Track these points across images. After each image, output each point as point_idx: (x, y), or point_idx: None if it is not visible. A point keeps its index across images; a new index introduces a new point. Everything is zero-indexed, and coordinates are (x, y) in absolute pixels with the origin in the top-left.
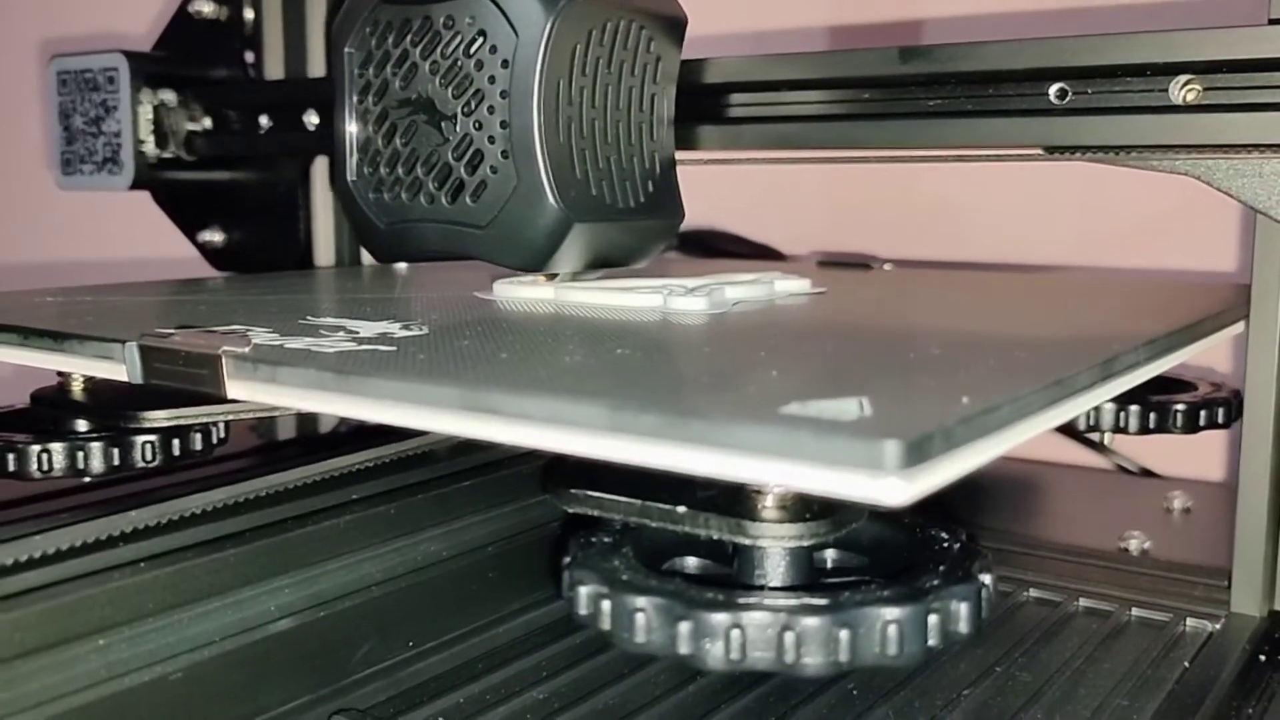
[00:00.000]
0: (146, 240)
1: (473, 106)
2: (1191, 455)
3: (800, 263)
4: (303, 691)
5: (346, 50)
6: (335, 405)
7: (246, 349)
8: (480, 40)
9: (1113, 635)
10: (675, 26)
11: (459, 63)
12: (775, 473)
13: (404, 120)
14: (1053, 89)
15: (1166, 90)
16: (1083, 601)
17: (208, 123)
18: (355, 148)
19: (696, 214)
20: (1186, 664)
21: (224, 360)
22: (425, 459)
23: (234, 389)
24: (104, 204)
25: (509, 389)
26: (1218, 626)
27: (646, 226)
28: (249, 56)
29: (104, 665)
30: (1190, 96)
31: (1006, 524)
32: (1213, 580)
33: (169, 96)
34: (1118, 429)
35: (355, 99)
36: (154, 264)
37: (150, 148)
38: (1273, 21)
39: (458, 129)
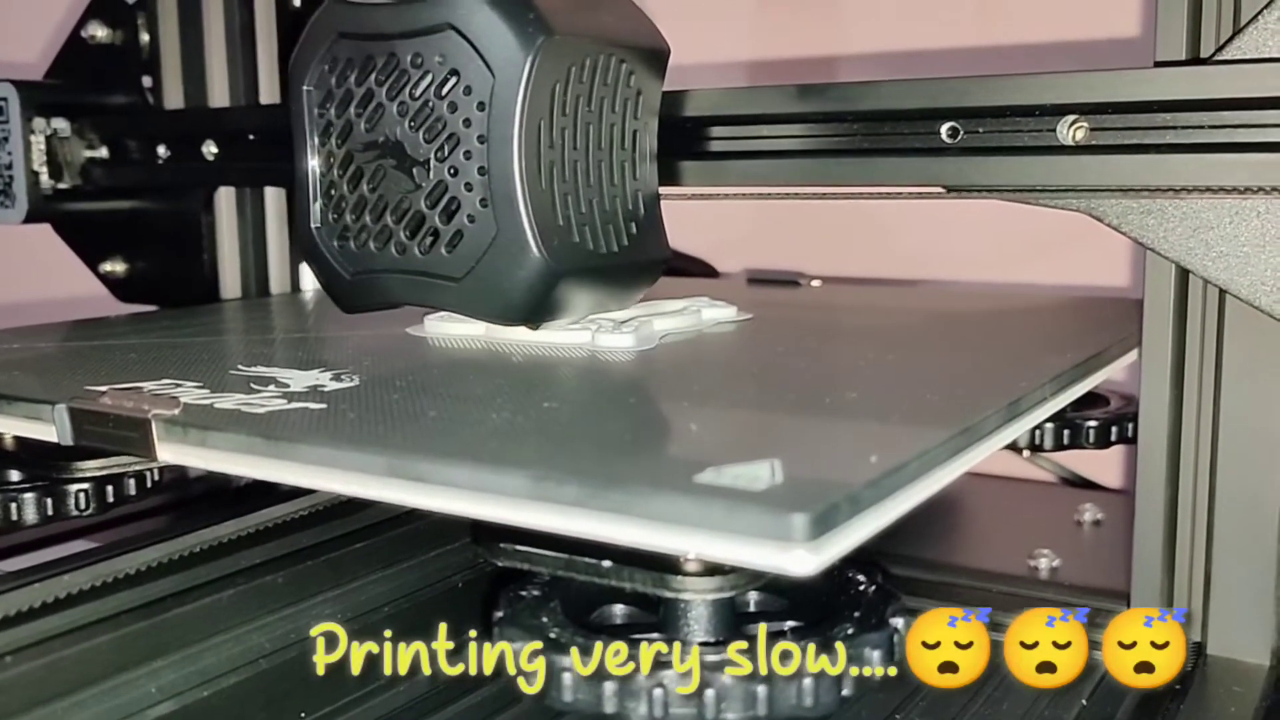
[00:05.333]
0: (39, 277)
1: (447, 151)
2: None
3: (730, 280)
4: None
5: (305, 88)
6: (264, 470)
7: (176, 411)
8: (453, 80)
9: None
10: (657, 58)
11: (430, 104)
12: (690, 542)
13: (371, 164)
14: (944, 128)
15: (1055, 130)
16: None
17: (105, 152)
18: (319, 192)
19: None
20: (1084, 701)
21: (153, 424)
22: (314, 520)
23: (164, 452)
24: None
25: (435, 457)
26: None
27: (630, 269)
28: (146, 81)
29: None
30: (1079, 136)
31: (918, 546)
32: (1114, 606)
33: (62, 125)
34: (1034, 446)
35: (317, 140)
36: (48, 304)
37: (45, 179)
38: (1158, 64)
39: (431, 175)
